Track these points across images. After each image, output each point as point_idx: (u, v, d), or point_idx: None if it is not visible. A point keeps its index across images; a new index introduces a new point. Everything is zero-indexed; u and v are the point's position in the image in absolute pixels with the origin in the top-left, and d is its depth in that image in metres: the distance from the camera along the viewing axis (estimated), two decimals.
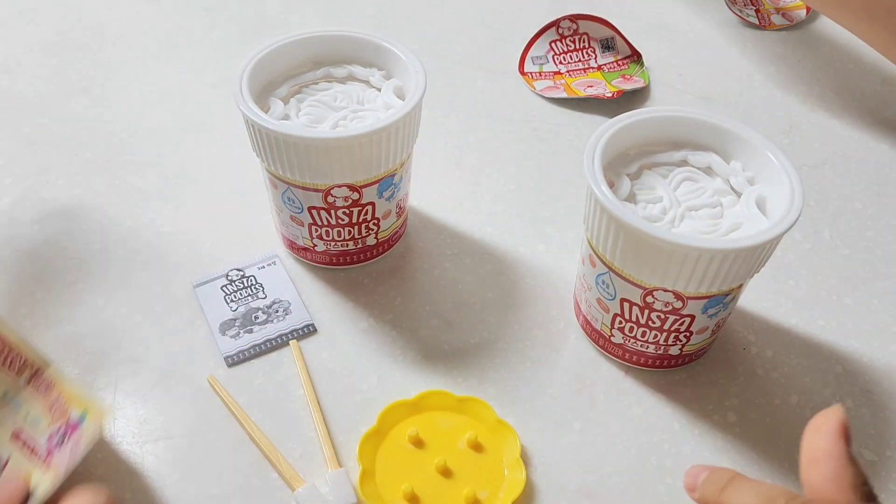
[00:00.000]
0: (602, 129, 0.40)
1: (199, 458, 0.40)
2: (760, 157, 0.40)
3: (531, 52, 0.66)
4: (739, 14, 0.72)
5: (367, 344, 0.45)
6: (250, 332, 0.45)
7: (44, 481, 0.35)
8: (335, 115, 0.44)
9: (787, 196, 0.37)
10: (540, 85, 0.64)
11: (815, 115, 0.62)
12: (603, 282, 0.40)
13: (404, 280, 0.49)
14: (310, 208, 0.44)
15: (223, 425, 0.41)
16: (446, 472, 0.39)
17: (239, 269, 0.48)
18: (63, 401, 0.37)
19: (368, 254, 0.48)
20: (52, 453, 0.36)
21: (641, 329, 0.41)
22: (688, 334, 0.41)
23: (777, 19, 0.72)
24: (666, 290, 0.38)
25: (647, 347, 0.42)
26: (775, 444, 0.41)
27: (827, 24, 0.72)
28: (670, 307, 0.39)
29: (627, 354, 0.44)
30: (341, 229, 0.45)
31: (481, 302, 0.48)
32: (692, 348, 0.43)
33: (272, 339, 0.45)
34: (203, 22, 0.71)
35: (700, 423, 0.42)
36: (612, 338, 0.43)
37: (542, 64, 0.66)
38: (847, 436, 0.26)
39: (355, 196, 0.43)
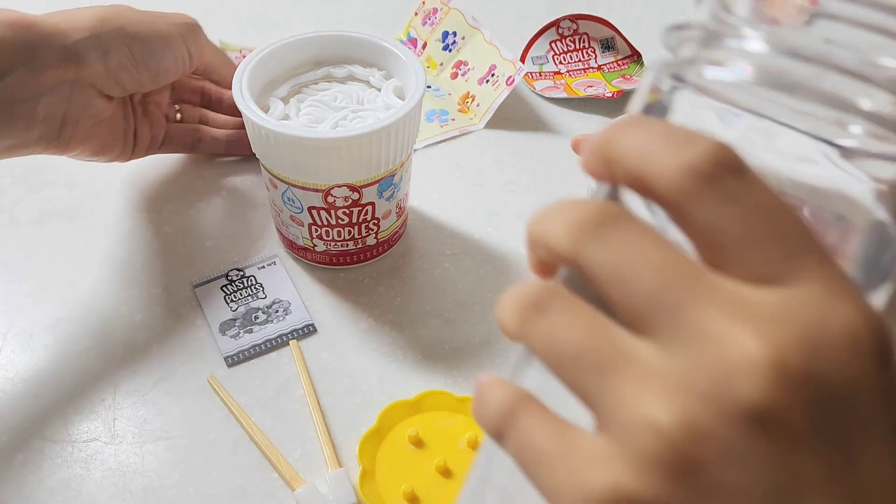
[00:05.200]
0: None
1: (199, 458, 0.40)
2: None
3: (531, 52, 0.66)
4: None
5: (367, 344, 0.45)
6: (250, 332, 0.45)
7: None
8: (335, 115, 0.44)
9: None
10: (540, 85, 0.64)
11: None
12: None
13: (404, 280, 0.49)
14: (310, 208, 0.44)
15: (223, 425, 0.41)
16: (446, 472, 0.39)
17: (239, 269, 0.48)
18: None
19: (368, 254, 0.48)
20: None
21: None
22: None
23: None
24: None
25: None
26: None
27: None
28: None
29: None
30: (341, 229, 0.45)
31: (481, 302, 0.47)
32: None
33: (272, 339, 0.45)
34: (203, 22, 0.71)
35: None
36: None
37: (542, 64, 0.66)
38: None
39: (355, 196, 0.43)
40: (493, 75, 0.60)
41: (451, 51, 0.63)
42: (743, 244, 0.16)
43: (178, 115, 0.54)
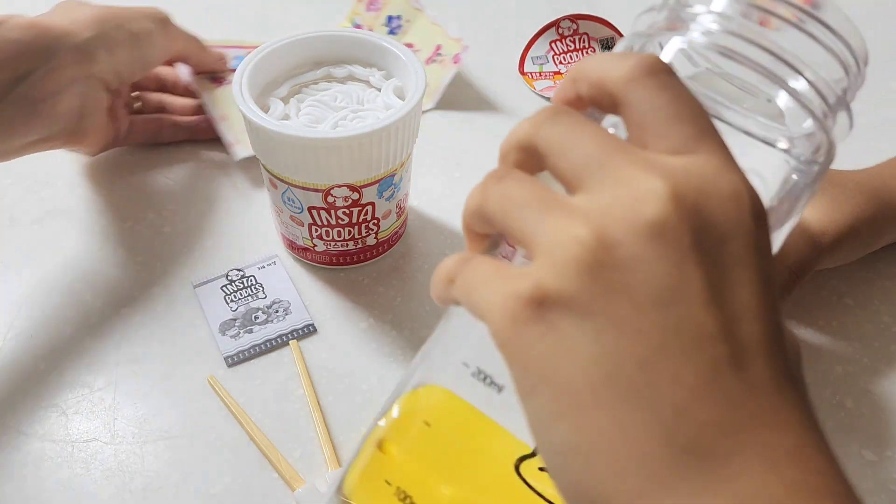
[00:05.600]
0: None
1: (199, 458, 0.40)
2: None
3: (531, 52, 0.66)
4: None
5: (367, 344, 0.45)
6: (250, 332, 0.45)
7: None
8: (335, 115, 0.44)
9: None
10: (540, 85, 0.64)
11: None
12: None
13: (404, 280, 0.49)
14: (310, 208, 0.44)
15: (223, 425, 0.41)
16: None
17: (239, 269, 0.48)
18: None
19: (368, 254, 0.48)
20: None
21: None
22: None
23: None
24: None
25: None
26: None
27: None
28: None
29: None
30: (341, 229, 0.45)
31: None
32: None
33: (272, 339, 0.45)
34: (203, 22, 0.71)
35: None
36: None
37: (542, 64, 0.66)
38: None
39: (355, 196, 0.43)
40: (439, 55, 0.60)
41: (396, 34, 0.64)
42: (666, 122, 0.20)
43: (138, 104, 0.56)
